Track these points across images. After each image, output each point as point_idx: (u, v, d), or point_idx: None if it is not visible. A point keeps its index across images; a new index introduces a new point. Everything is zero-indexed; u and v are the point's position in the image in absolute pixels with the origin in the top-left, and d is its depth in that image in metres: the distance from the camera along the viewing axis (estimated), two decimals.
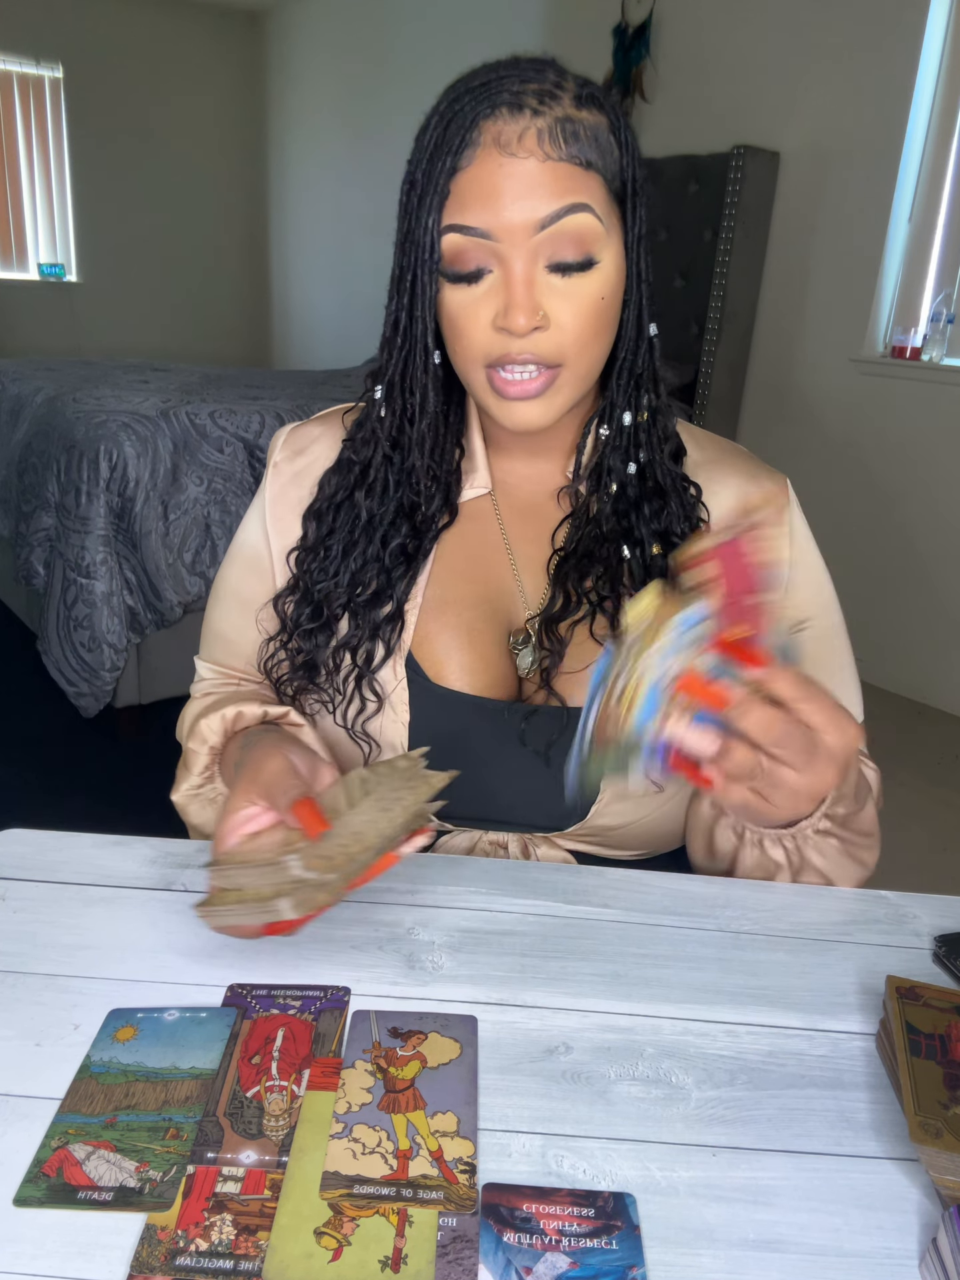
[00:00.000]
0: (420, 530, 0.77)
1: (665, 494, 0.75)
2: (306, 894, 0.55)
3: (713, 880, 0.74)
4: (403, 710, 0.77)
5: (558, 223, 0.63)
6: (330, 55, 5.49)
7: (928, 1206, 0.48)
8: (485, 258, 0.65)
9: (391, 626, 0.76)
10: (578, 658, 0.76)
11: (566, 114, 0.63)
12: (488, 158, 0.62)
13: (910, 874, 2.15)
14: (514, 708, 0.76)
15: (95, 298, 5.92)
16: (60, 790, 2.24)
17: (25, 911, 0.66)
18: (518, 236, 0.63)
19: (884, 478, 3.04)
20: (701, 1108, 0.53)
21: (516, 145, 0.62)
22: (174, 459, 2.43)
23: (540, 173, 0.62)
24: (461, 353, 0.69)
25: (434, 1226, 0.45)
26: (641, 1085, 0.54)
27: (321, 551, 0.77)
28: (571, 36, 3.87)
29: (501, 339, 0.66)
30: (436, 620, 0.78)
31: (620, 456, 0.75)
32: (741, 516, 0.65)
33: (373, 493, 0.76)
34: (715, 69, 3.35)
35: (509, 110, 0.62)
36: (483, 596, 0.79)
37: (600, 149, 0.64)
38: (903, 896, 0.73)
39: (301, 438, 0.83)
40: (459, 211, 0.64)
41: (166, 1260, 0.43)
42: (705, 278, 3.27)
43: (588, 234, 0.64)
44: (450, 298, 0.67)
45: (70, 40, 5.42)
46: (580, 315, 0.66)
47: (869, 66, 2.89)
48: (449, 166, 0.63)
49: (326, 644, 0.77)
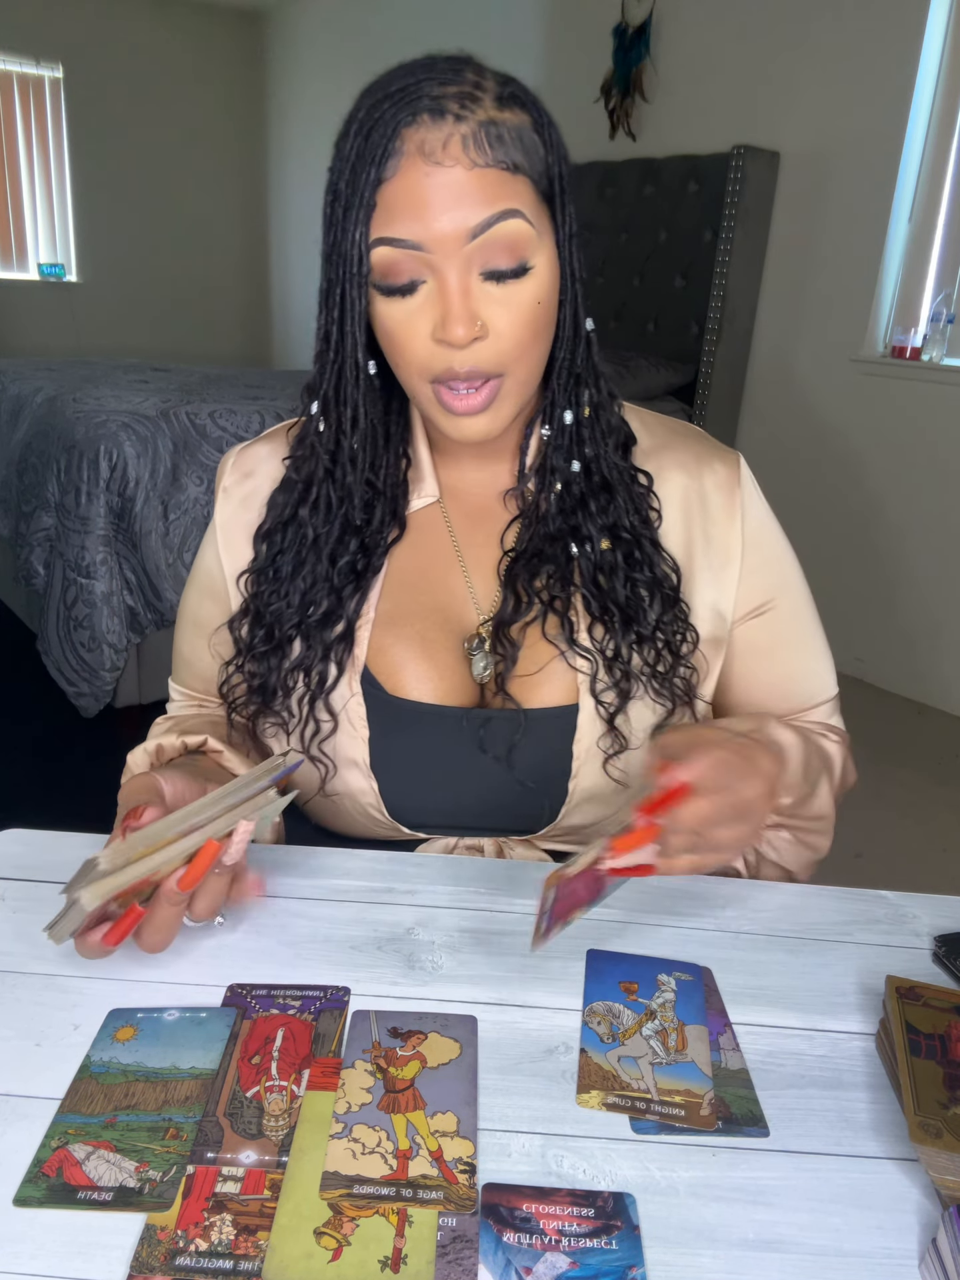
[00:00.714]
0: (369, 546, 0.76)
1: (612, 488, 0.74)
2: (104, 884, 0.54)
3: (713, 880, 0.74)
4: (361, 727, 0.76)
5: (489, 230, 0.61)
6: (330, 55, 5.48)
7: (928, 1206, 0.48)
8: (418, 269, 0.63)
9: (343, 646, 0.75)
10: (532, 660, 0.75)
11: (489, 117, 0.61)
12: (412, 167, 0.60)
13: (910, 874, 2.15)
14: (471, 714, 0.75)
15: (95, 298, 5.91)
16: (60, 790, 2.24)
17: (25, 911, 0.66)
18: (449, 246, 0.62)
19: (884, 478, 3.04)
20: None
21: (441, 153, 0.60)
22: (174, 459, 2.43)
23: (468, 180, 0.60)
24: (403, 366, 0.67)
25: (434, 1226, 0.45)
26: None
27: (271, 572, 0.76)
28: (571, 36, 3.87)
29: (442, 352, 0.64)
30: (390, 632, 0.77)
31: (563, 455, 0.74)
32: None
33: (316, 510, 0.74)
34: (715, 69, 3.35)
35: (430, 116, 0.60)
36: (435, 605, 0.78)
37: (525, 150, 0.63)
38: (903, 896, 0.73)
39: (249, 459, 0.82)
40: (387, 224, 0.62)
41: (166, 1260, 0.43)
42: (705, 278, 3.27)
43: (520, 240, 0.63)
44: (385, 311, 0.65)
45: (70, 40, 5.42)
46: (518, 322, 0.65)
47: (869, 66, 2.89)
48: (373, 178, 0.61)
49: (280, 666, 0.76)
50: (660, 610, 0.74)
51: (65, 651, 2.40)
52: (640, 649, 0.74)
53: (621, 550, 0.74)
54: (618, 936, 0.66)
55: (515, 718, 0.74)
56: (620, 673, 0.74)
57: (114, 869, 0.54)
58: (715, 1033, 0.58)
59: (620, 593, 0.74)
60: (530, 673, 0.75)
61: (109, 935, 0.56)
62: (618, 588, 0.74)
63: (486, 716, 0.75)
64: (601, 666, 0.74)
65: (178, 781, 0.66)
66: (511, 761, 0.75)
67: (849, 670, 3.13)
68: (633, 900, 0.70)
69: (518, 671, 0.75)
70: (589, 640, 0.74)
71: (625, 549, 0.74)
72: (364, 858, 0.73)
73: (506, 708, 0.75)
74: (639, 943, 0.66)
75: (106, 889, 0.53)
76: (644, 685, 0.75)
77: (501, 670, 0.74)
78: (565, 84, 3.83)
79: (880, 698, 3.05)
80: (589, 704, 0.74)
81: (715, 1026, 0.58)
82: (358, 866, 0.73)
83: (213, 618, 0.82)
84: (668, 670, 0.75)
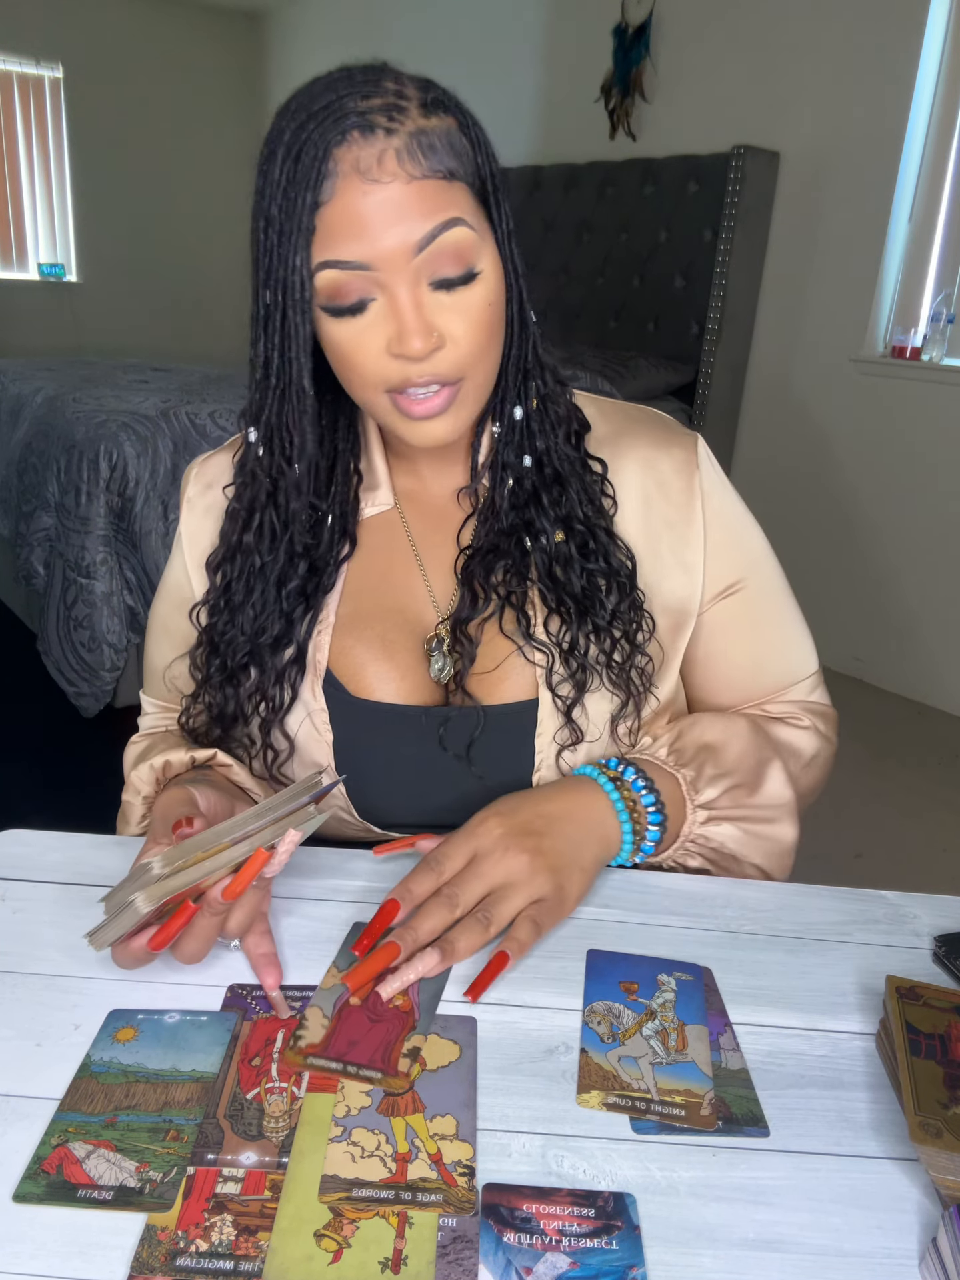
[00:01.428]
0: (318, 566, 0.76)
1: (564, 480, 0.74)
2: (161, 886, 0.54)
3: (713, 880, 0.74)
4: (325, 730, 0.76)
5: (434, 242, 0.61)
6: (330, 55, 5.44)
7: (928, 1206, 0.48)
8: (367, 287, 0.63)
9: (295, 669, 0.76)
10: (490, 656, 0.75)
11: (418, 126, 0.60)
12: (349, 187, 0.60)
13: (910, 874, 2.15)
14: (431, 713, 0.76)
15: (95, 298, 5.91)
16: (60, 790, 2.24)
17: (25, 911, 0.66)
18: (396, 262, 0.61)
19: (884, 478, 3.04)
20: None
21: (377, 170, 0.59)
22: (174, 459, 2.43)
23: (406, 195, 0.60)
24: (357, 382, 0.67)
25: (434, 1227, 0.45)
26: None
27: (223, 602, 0.76)
28: (571, 36, 3.86)
29: (399, 364, 0.64)
30: (351, 635, 0.77)
31: (514, 450, 0.74)
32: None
33: (261, 536, 0.74)
34: (715, 69, 3.35)
35: (360, 133, 0.59)
36: (395, 606, 0.78)
37: (457, 154, 0.62)
38: (903, 896, 0.73)
39: (211, 469, 0.82)
40: (329, 247, 0.61)
41: (166, 1261, 0.43)
42: (705, 278, 3.27)
43: (464, 246, 0.63)
44: (334, 331, 0.65)
45: (70, 40, 5.41)
46: (473, 327, 0.65)
47: (869, 66, 2.89)
48: (310, 202, 0.60)
49: (236, 694, 0.76)
50: (617, 599, 0.75)
51: (65, 651, 2.39)
52: (597, 639, 0.74)
53: (575, 541, 0.74)
54: (617, 936, 0.66)
55: (474, 715, 0.75)
56: (576, 664, 0.74)
57: (170, 873, 0.55)
58: (715, 1033, 0.58)
59: (575, 584, 0.74)
60: (489, 669, 0.75)
61: (156, 938, 0.56)
62: (573, 579, 0.74)
63: (446, 715, 0.75)
64: (558, 659, 0.74)
65: (209, 795, 0.67)
66: (471, 758, 0.75)
67: (848, 670, 3.13)
68: (632, 900, 0.70)
69: (477, 669, 0.75)
70: (545, 634, 0.75)
71: (579, 540, 0.74)
72: (364, 858, 0.73)
73: (467, 705, 0.75)
74: (639, 943, 0.66)
75: (163, 891, 0.54)
76: (600, 676, 0.75)
77: (460, 668, 0.74)
78: (565, 84, 3.83)
79: (879, 698, 3.05)
80: (547, 697, 0.74)
81: (715, 1026, 0.58)
82: (358, 866, 0.73)
83: (182, 630, 0.82)
84: (624, 660, 0.75)
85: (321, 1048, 0.55)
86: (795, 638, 0.85)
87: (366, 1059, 0.54)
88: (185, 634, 0.81)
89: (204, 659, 0.77)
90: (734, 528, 0.80)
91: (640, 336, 3.55)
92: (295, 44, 5.80)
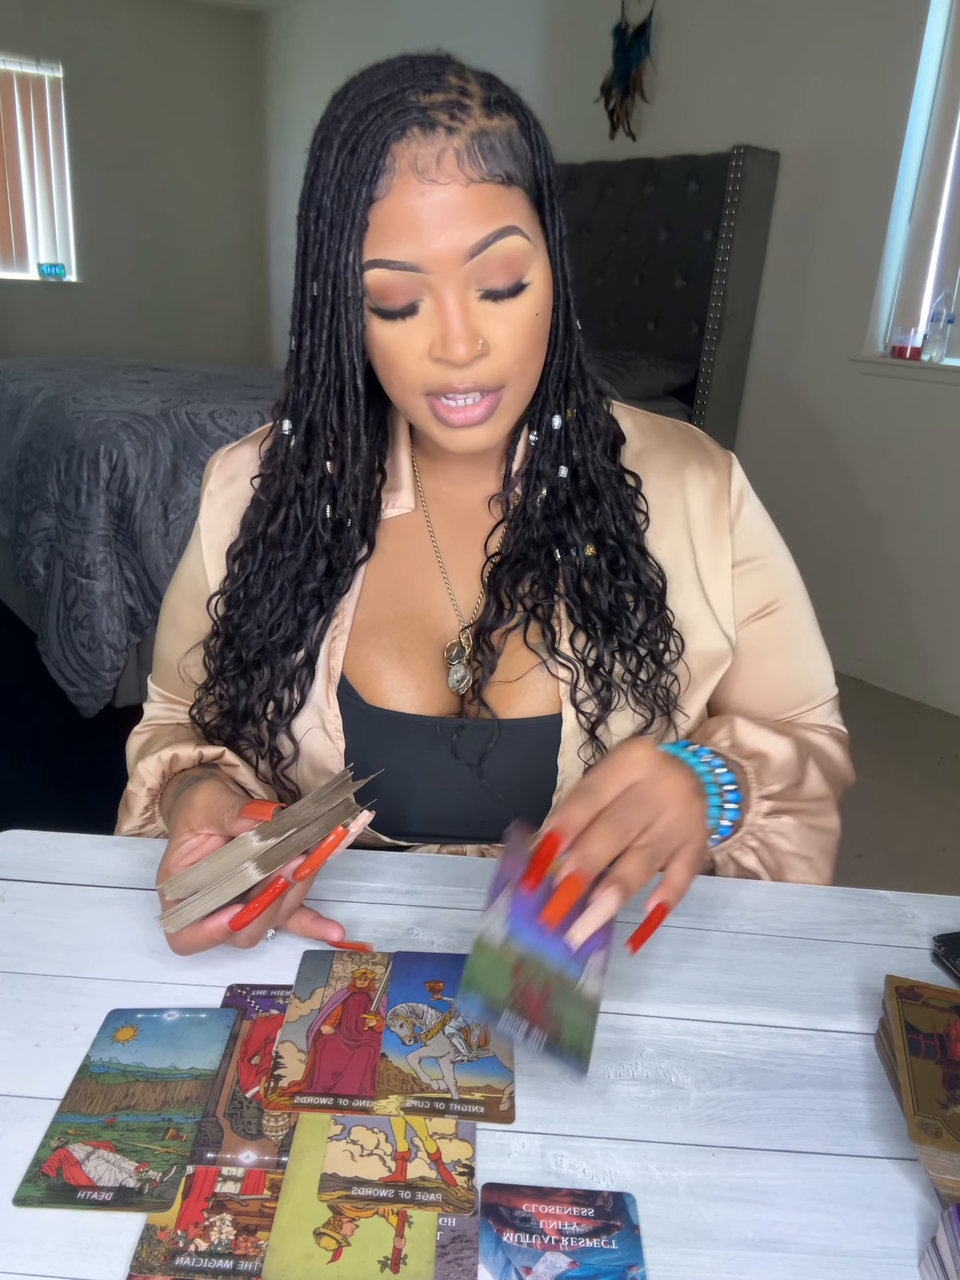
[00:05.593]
0: (335, 567, 0.74)
1: (599, 493, 0.73)
2: (270, 855, 0.57)
3: (713, 880, 0.74)
4: (338, 737, 0.75)
5: (487, 249, 0.60)
6: (330, 55, 5.48)
7: (927, 1206, 0.48)
8: (415, 290, 0.61)
9: (305, 672, 0.75)
10: (511, 668, 0.74)
11: (480, 127, 0.59)
12: (406, 185, 0.58)
13: (910, 874, 2.15)
14: (445, 723, 0.74)
15: (95, 298, 5.91)
16: (60, 790, 2.24)
17: (25, 911, 0.66)
18: (447, 267, 0.60)
19: (884, 478, 3.04)
20: (701, 1107, 0.53)
21: (435, 170, 0.58)
22: (174, 459, 2.43)
23: (464, 198, 0.58)
24: (396, 383, 0.65)
25: (433, 1227, 0.45)
26: (641, 1085, 0.54)
27: (241, 594, 0.75)
28: (571, 36, 3.87)
29: (440, 369, 0.63)
30: (367, 642, 0.76)
31: (550, 460, 0.73)
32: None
33: (285, 530, 0.73)
34: (715, 69, 3.35)
35: (421, 130, 0.57)
36: (414, 614, 0.77)
37: (516, 157, 0.61)
38: (902, 896, 0.73)
39: (234, 462, 0.81)
40: (382, 245, 0.59)
41: (166, 1260, 0.43)
42: (705, 278, 3.27)
43: (516, 256, 0.61)
44: (380, 332, 0.63)
45: (70, 40, 5.41)
46: (518, 337, 0.63)
47: (869, 66, 2.89)
48: (365, 196, 0.58)
49: (250, 690, 0.75)
50: (644, 618, 0.73)
51: (65, 651, 2.40)
52: (623, 657, 0.73)
53: (606, 557, 0.73)
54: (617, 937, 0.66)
55: (489, 726, 0.73)
56: (601, 682, 0.73)
57: (271, 846, 0.57)
58: (590, 948, 0.55)
59: (604, 600, 0.73)
60: (510, 680, 0.74)
61: (242, 914, 0.58)
62: (601, 595, 0.73)
63: (460, 725, 0.74)
64: (582, 675, 0.73)
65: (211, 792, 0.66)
66: (485, 770, 0.74)
67: (849, 670, 3.13)
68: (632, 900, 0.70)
69: (497, 679, 0.74)
70: (570, 649, 0.73)
71: (610, 555, 0.73)
72: (364, 858, 0.73)
73: (483, 716, 0.74)
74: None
75: (273, 859, 0.57)
76: (625, 695, 0.74)
77: (479, 678, 0.73)
78: (565, 84, 3.83)
79: (880, 698, 3.05)
80: (571, 714, 0.73)
81: (594, 942, 0.55)
82: (358, 866, 0.73)
83: (193, 621, 0.82)
84: (650, 679, 0.74)
85: (305, 1084, 0.53)
86: (818, 661, 0.84)
87: (356, 1089, 0.53)
88: (195, 626, 0.81)
89: (218, 650, 0.77)
90: (766, 549, 0.80)
91: (640, 336, 3.55)
92: (295, 44, 5.80)
